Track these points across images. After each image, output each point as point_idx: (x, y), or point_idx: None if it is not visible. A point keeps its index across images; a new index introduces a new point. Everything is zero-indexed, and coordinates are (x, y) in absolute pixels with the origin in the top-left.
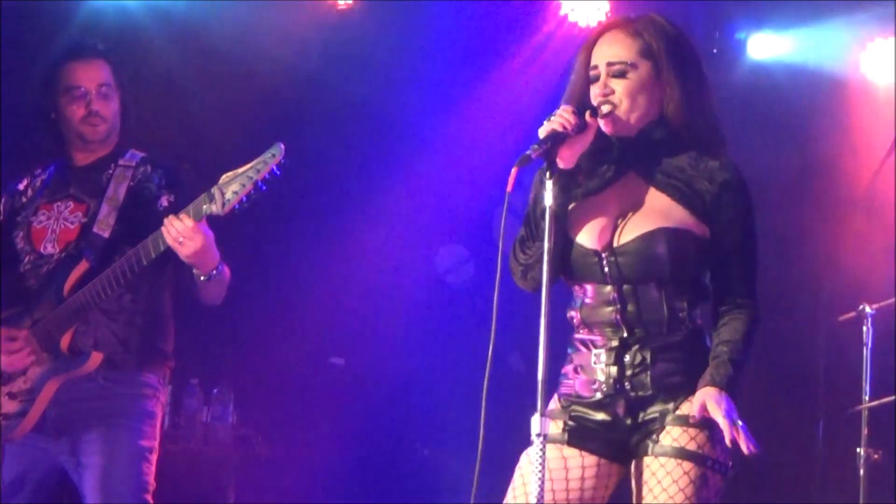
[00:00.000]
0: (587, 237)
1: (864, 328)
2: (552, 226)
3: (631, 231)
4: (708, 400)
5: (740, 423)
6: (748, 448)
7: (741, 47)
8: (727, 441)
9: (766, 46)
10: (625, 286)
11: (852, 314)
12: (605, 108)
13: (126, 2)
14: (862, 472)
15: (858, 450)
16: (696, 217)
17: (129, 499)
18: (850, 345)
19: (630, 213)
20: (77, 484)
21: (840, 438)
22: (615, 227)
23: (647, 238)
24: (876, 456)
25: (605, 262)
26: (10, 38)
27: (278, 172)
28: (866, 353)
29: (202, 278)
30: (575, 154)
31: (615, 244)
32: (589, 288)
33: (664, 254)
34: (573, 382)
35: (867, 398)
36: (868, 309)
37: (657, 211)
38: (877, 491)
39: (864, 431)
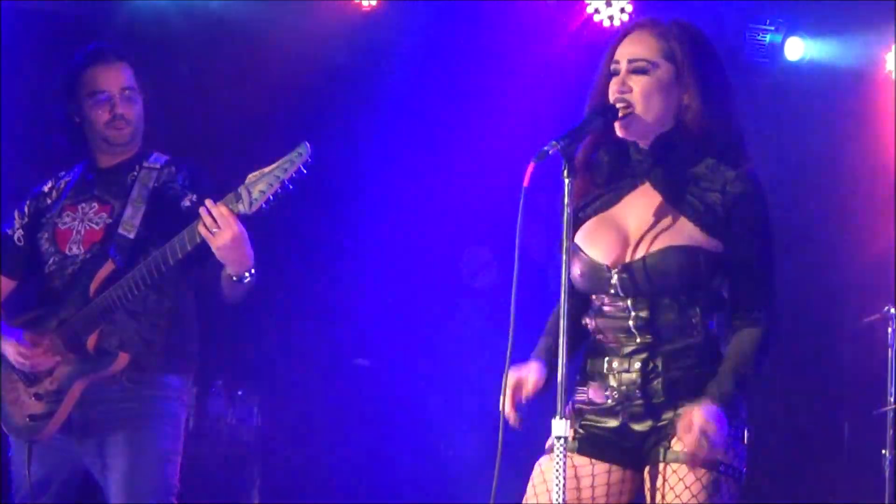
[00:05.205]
0: (599, 252)
1: (889, 330)
2: (570, 226)
3: (642, 248)
4: (696, 413)
5: (714, 427)
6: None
7: (772, 49)
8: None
9: (796, 48)
10: (637, 297)
11: (877, 316)
12: (620, 105)
13: (155, 2)
14: (887, 473)
15: (884, 451)
16: (708, 233)
17: (154, 500)
18: (875, 346)
19: (641, 230)
20: (102, 486)
21: (865, 440)
22: (626, 244)
23: (658, 256)
24: None
25: (615, 277)
26: (31, 41)
27: (305, 172)
28: (891, 354)
29: (234, 279)
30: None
31: (626, 260)
32: (604, 297)
33: (674, 271)
34: (586, 389)
35: (892, 400)
36: (893, 310)
37: (669, 228)
38: None
39: (890, 433)
